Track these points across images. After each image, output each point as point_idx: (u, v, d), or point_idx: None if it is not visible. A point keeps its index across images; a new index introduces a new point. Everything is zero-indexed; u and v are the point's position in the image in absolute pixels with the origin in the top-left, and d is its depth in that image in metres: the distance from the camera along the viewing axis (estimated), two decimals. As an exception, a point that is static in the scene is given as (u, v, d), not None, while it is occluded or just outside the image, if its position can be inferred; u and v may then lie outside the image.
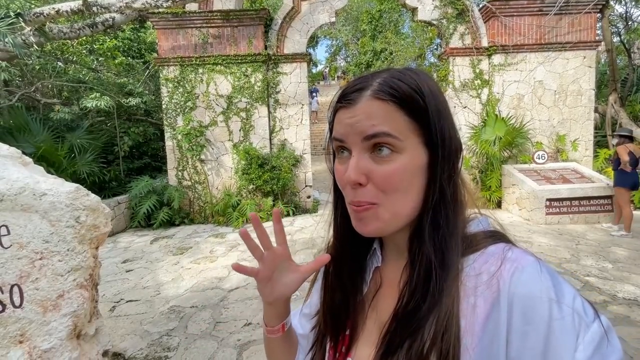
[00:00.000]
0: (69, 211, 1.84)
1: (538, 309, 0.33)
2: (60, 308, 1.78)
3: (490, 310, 0.36)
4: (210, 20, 6.27)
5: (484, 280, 0.38)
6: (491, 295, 0.37)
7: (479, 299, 0.37)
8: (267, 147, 6.55)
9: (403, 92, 0.40)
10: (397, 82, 0.40)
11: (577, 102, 6.63)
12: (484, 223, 0.46)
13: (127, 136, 7.14)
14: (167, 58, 6.28)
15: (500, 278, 0.37)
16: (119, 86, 7.38)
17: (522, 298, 0.35)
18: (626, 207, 4.80)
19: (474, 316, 0.37)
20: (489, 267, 0.38)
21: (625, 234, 4.74)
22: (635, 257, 4.00)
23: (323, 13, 6.50)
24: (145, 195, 5.93)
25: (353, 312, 0.51)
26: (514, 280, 0.36)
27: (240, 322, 2.81)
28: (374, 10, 16.53)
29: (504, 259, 0.38)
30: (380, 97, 0.40)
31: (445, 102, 0.43)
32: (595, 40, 6.61)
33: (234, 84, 6.42)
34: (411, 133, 0.40)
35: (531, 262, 0.37)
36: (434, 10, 6.54)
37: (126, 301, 3.32)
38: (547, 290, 0.34)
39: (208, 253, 4.66)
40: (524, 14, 6.41)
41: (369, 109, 0.40)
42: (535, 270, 0.36)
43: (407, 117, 0.40)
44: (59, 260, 1.78)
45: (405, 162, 0.40)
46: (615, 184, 4.90)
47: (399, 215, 0.42)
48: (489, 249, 0.40)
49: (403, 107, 0.40)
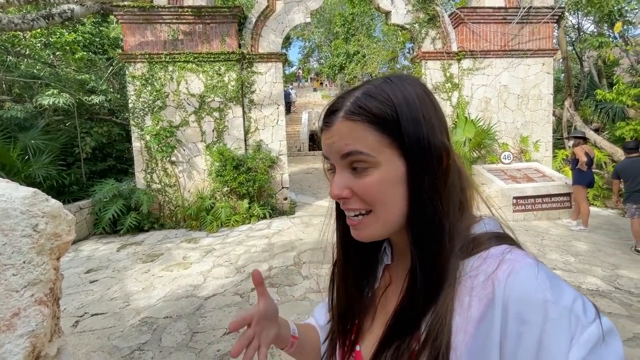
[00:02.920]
0: (24, 219, 1.64)
1: (533, 310, 0.33)
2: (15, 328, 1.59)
3: (485, 311, 0.36)
4: (180, 16, 6.01)
5: (481, 281, 0.38)
6: (486, 296, 0.37)
7: (474, 299, 0.38)
8: (242, 148, 6.38)
9: (371, 110, 0.42)
10: (368, 99, 0.42)
11: (537, 106, 7.07)
12: (490, 224, 0.46)
13: (89, 137, 6.66)
14: (134, 54, 5.94)
15: (495, 279, 0.37)
16: (80, 83, 6.86)
17: (517, 299, 0.35)
18: (583, 204, 5.16)
19: (468, 315, 0.38)
20: (486, 268, 0.39)
21: (583, 228, 5.10)
22: (593, 250, 4.30)
23: (298, 13, 6.45)
24: (111, 200, 5.56)
25: (362, 308, 0.53)
26: (509, 282, 0.36)
27: (219, 332, 2.68)
28: (347, 13, 16.72)
29: (502, 260, 0.38)
30: (350, 118, 0.43)
31: (428, 107, 0.43)
32: (553, 48, 7.09)
33: (207, 82, 6.20)
34: (385, 147, 0.42)
35: (528, 264, 0.37)
36: (406, 14, 6.71)
37: (91, 315, 3.06)
38: (543, 292, 0.34)
39: (181, 259, 4.44)
40: (490, 21, 6.74)
41: (342, 130, 0.43)
42: (532, 271, 0.36)
43: (378, 133, 0.42)
44: (13, 274, 1.59)
45: (381, 175, 0.42)
46: (574, 182, 5.26)
47: (388, 223, 0.44)
48: (491, 251, 0.40)
49: (373, 124, 0.42)
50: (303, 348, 0.63)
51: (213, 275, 3.82)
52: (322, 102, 24.14)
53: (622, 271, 3.63)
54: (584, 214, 5.14)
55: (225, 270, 3.97)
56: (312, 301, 3.13)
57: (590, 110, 8.78)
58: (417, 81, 0.45)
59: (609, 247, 4.43)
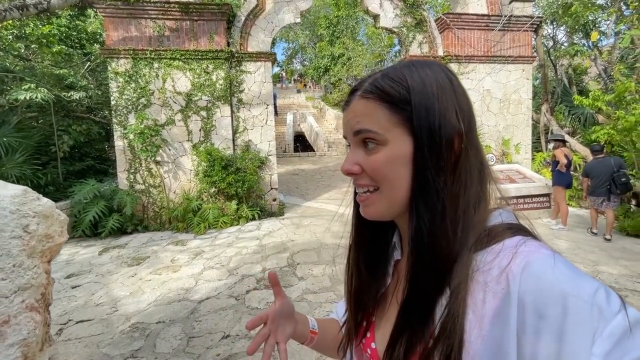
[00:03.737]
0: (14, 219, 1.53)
1: (551, 304, 0.32)
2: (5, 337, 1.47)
3: (500, 307, 0.35)
4: (167, 12, 5.84)
5: (494, 275, 0.37)
6: (501, 291, 0.35)
7: (489, 294, 0.36)
8: (230, 148, 6.25)
9: (384, 88, 0.43)
10: (384, 79, 0.44)
11: (518, 110, 7.37)
12: (505, 215, 0.44)
13: (67, 135, 6.32)
14: (117, 50, 5.71)
15: (510, 273, 0.35)
16: (57, 78, 6.51)
17: (534, 293, 0.33)
18: (563, 204, 5.42)
19: (483, 312, 0.36)
20: (500, 261, 0.37)
21: (563, 227, 5.35)
22: (573, 248, 4.51)
23: (288, 13, 6.42)
24: (92, 201, 5.29)
25: (376, 303, 0.53)
26: (524, 275, 0.34)
27: (217, 335, 2.60)
28: (332, 15, 16.83)
29: (515, 253, 0.36)
30: (365, 96, 0.44)
31: (447, 91, 0.43)
32: (532, 55, 7.42)
33: (194, 81, 6.04)
34: (394, 126, 0.43)
35: (544, 255, 0.35)
36: (394, 18, 6.82)
37: (76, 322, 2.90)
38: (561, 284, 0.32)
39: (169, 262, 4.28)
40: (474, 28, 6.97)
41: (356, 108, 0.46)
42: (548, 263, 0.34)
43: (388, 111, 0.43)
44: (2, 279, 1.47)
45: (389, 153, 0.43)
46: (554, 183, 5.51)
47: (393, 201, 0.44)
48: (505, 243, 0.39)
49: (385, 102, 0.43)
50: (324, 341, 0.66)
51: (205, 278, 3.71)
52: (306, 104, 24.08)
53: (602, 267, 3.83)
54: (563, 214, 5.39)
55: (217, 272, 3.87)
56: (310, 302, 3.10)
57: (563, 115, 9.26)
58: (441, 67, 0.45)
59: (587, 244, 4.67)
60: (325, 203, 7.34)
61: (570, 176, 5.43)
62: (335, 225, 5.60)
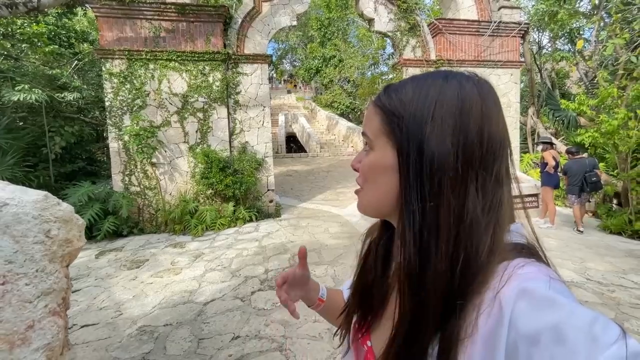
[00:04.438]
0: (37, 224, 1.56)
1: (543, 332, 0.31)
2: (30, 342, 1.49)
3: (492, 330, 0.35)
4: (163, 13, 5.80)
5: (489, 297, 0.36)
6: (494, 314, 0.35)
7: (482, 316, 0.36)
8: (227, 149, 6.25)
9: (382, 98, 0.47)
10: (390, 89, 0.47)
11: (506, 113, 7.61)
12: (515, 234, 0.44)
13: (59, 136, 6.19)
14: (112, 50, 5.63)
15: (503, 296, 0.35)
16: (49, 78, 6.36)
17: (527, 319, 0.32)
18: (551, 204, 5.65)
19: (475, 333, 0.36)
20: (495, 283, 0.37)
21: (551, 226, 5.57)
22: (562, 246, 4.72)
23: (284, 16, 6.46)
24: (86, 204, 5.21)
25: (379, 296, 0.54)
26: (518, 301, 0.33)
27: (227, 337, 2.63)
28: (323, 17, 16.92)
29: (511, 276, 0.36)
30: (373, 103, 0.49)
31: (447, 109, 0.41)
32: (519, 60, 7.68)
33: (190, 82, 6.02)
34: (382, 135, 0.46)
35: (539, 281, 0.34)
36: (389, 22, 6.95)
37: (81, 326, 2.88)
38: (555, 312, 0.31)
39: (169, 265, 4.27)
40: (465, 33, 7.17)
41: (367, 112, 0.50)
42: (543, 289, 0.33)
43: (381, 120, 0.46)
44: (26, 284, 1.50)
45: (372, 159, 0.47)
46: (543, 184, 5.74)
47: (374, 202, 0.48)
48: (503, 265, 0.38)
49: (380, 111, 0.46)
50: (329, 310, 0.74)
51: (208, 280, 3.73)
52: (296, 104, 24.10)
53: (590, 264, 4.03)
54: (551, 213, 5.62)
55: (220, 274, 3.89)
56: (315, 302, 3.16)
57: (547, 117, 9.60)
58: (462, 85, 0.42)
59: (574, 242, 4.89)
60: (321, 204, 7.41)
61: (558, 177, 5.67)
62: (333, 227, 5.68)
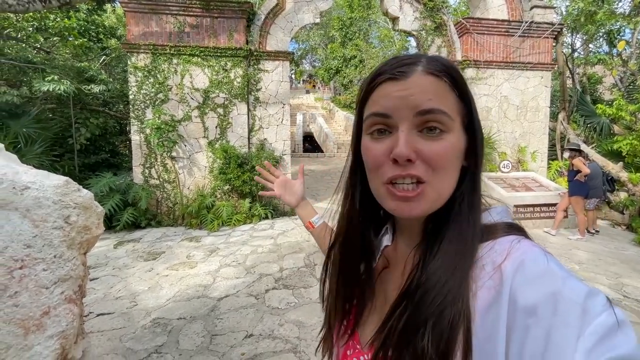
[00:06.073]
0: (56, 209, 1.51)
1: (541, 303, 0.32)
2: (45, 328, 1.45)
3: (492, 302, 0.35)
4: (187, 8, 5.85)
5: (488, 271, 0.37)
6: (494, 287, 0.36)
7: (482, 289, 0.37)
8: (245, 146, 6.24)
9: (455, 71, 0.41)
10: (447, 62, 0.42)
11: (535, 117, 7.29)
12: (496, 213, 0.45)
13: (85, 127, 6.36)
14: (137, 44, 5.73)
15: (503, 270, 0.36)
16: (78, 71, 6.55)
17: (525, 292, 0.33)
18: (580, 214, 5.33)
19: (475, 305, 0.36)
20: (494, 257, 0.38)
21: (581, 237, 5.26)
22: (594, 259, 4.43)
23: (308, 13, 6.41)
24: (107, 194, 5.31)
25: (361, 291, 0.51)
26: (517, 273, 0.35)
27: (240, 334, 2.57)
28: (345, 17, 16.82)
29: (510, 251, 0.37)
30: (435, 74, 0.40)
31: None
32: (551, 62, 7.33)
33: (212, 77, 6.05)
34: (457, 115, 0.41)
35: (537, 255, 0.36)
36: (414, 21, 6.78)
37: (97, 314, 2.89)
38: (552, 284, 0.33)
39: (185, 258, 4.27)
40: (494, 33, 6.91)
41: (424, 82, 0.39)
42: (541, 263, 0.35)
43: (457, 98, 0.41)
44: (43, 269, 1.45)
45: (453, 142, 0.41)
46: (572, 193, 5.40)
47: (442, 196, 0.41)
48: (499, 240, 0.40)
49: (454, 87, 0.41)
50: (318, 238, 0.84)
51: (222, 276, 3.69)
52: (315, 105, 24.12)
53: (626, 280, 3.74)
54: (581, 224, 5.30)
55: (234, 270, 3.85)
56: (330, 304, 3.06)
57: (577, 124, 9.14)
58: None
59: (608, 256, 4.58)
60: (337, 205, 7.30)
61: (588, 186, 5.34)
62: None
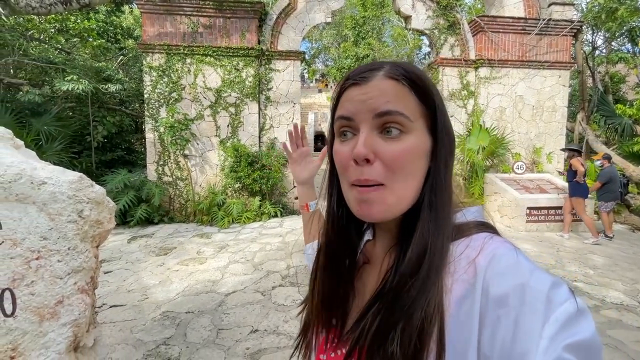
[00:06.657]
0: (71, 204, 1.58)
1: (511, 294, 0.34)
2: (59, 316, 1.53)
3: (466, 294, 0.37)
4: (201, 9, 5.96)
5: (463, 265, 0.39)
6: (468, 280, 0.38)
7: (456, 282, 0.39)
8: (256, 145, 6.32)
9: (415, 75, 0.42)
10: (409, 67, 0.43)
11: (551, 118, 7.09)
12: (477, 213, 0.47)
13: (102, 125, 6.57)
14: (152, 44, 5.88)
15: (477, 264, 0.38)
16: (96, 70, 6.77)
17: (497, 284, 0.35)
18: (585, 216, 5.18)
19: (450, 297, 0.38)
20: (468, 253, 0.39)
21: (597, 239, 5.09)
22: (610, 264, 4.28)
23: (319, 12, 6.42)
24: (122, 190, 5.48)
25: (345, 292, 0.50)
26: (490, 267, 0.37)
27: (246, 329, 2.62)
28: (358, 16, 16.74)
29: (483, 246, 0.39)
30: (394, 77, 0.41)
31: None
32: (570, 61, 7.11)
33: (224, 77, 6.14)
34: (419, 116, 0.41)
35: (508, 250, 0.38)
36: (426, 19, 6.70)
37: (110, 306, 3.00)
38: (521, 277, 0.35)
39: (195, 254, 4.37)
40: (509, 31, 6.75)
41: (383, 86, 0.41)
42: (511, 257, 0.37)
43: (417, 100, 0.41)
44: (58, 261, 1.53)
45: (413, 144, 0.41)
46: (573, 194, 5.23)
47: (403, 199, 0.42)
48: (474, 237, 0.42)
49: (414, 90, 0.41)
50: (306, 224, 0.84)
51: (231, 272, 3.76)
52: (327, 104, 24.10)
53: (643, 286, 3.61)
54: (590, 226, 5.15)
55: (242, 267, 3.91)
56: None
57: (598, 124, 8.84)
58: None
59: (624, 261, 4.42)
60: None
61: (587, 186, 5.20)
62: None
